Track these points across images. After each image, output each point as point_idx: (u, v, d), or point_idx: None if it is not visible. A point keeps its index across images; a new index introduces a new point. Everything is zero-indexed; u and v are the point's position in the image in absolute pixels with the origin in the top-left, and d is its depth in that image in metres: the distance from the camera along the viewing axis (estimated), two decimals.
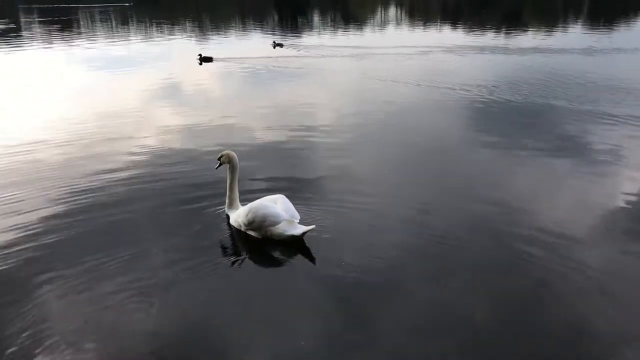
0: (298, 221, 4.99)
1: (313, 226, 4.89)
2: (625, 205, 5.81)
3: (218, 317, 4.03)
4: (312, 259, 4.77)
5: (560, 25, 30.05)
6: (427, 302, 4.18)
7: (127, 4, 49.09)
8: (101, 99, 11.46)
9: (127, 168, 6.95)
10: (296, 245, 4.93)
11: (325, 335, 3.80)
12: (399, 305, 4.12)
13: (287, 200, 5.13)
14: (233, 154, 5.46)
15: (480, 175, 6.77)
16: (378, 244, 4.99)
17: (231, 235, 5.17)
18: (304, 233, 4.86)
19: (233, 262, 4.74)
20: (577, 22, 32.05)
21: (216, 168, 5.61)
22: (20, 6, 46.01)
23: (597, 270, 4.53)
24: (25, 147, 7.88)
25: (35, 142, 8.11)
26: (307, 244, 4.95)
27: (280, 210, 4.97)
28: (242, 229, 5.12)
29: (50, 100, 11.53)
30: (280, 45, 19.42)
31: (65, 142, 8.17)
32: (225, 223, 5.35)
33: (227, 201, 5.47)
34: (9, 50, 18.77)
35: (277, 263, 4.86)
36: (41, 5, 47.01)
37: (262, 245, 5.02)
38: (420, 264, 4.70)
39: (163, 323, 3.91)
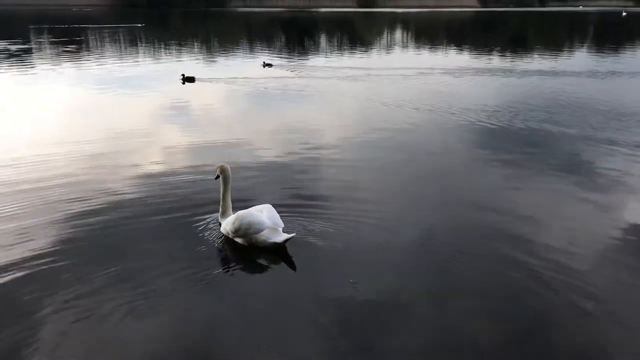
0: (282, 229, 5.26)
1: (294, 234, 5.20)
2: (632, 229, 5.77)
3: (217, 329, 4.10)
4: (313, 275, 4.84)
5: (565, 49, 30.21)
6: (431, 324, 4.19)
7: (138, 25, 49.75)
8: (103, 117, 11.62)
9: (127, 185, 7.07)
10: (300, 260, 5.04)
11: (326, 355, 3.80)
12: (403, 326, 4.11)
13: (272, 209, 5.42)
14: (226, 166, 5.81)
15: (486, 198, 6.78)
16: (383, 262, 5.05)
17: (222, 246, 5.39)
18: (285, 240, 5.13)
19: (241, 274, 4.88)
20: (582, 46, 32.22)
21: (215, 179, 5.88)
22: (31, 26, 46.68)
23: (605, 294, 4.52)
24: (30, 163, 8.00)
25: (41, 159, 8.24)
26: (310, 261, 5.04)
27: (264, 218, 5.25)
28: (230, 236, 5.39)
29: (56, 118, 11.62)
30: (270, 65, 19.90)
31: (70, 158, 8.28)
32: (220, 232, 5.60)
33: (220, 210, 5.79)
34: (20, 70, 18.98)
35: (284, 278, 4.88)
36: (52, 26, 47.70)
37: (265, 257, 5.15)
38: (426, 284, 4.73)
39: (161, 336, 3.97)
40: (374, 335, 4.00)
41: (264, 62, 20.18)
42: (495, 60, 23.05)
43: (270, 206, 5.46)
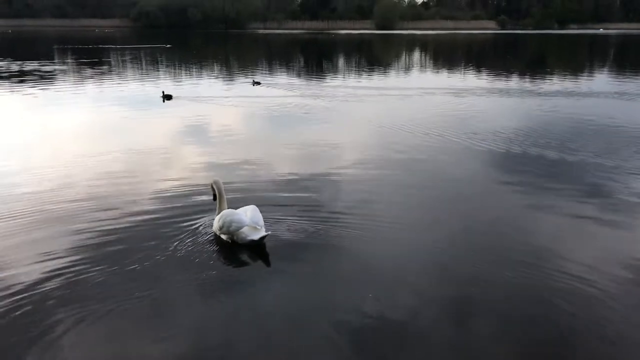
0: (261, 227, 5.74)
1: (269, 232, 5.74)
2: None
3: (231, 340, 4.13)
4: (328, 290, 4.89)
5: (586, 71, 29.98)
6: (447, 349, 4.09)
7: (165, 46, 50.61)
8: (118, 137, 11.68)
9: (144, 200, 7.18)
10: (316, 273, 5.20)
11: None
12: (419, 348, 4.04)
13: (256, 209, 5.95)
14: (216, 179, 6.28)
15: (504, 220, 6.72)
16: (400, 280, 5.02)
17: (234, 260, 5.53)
18: (261, 238, 5.65)
19: (258, 286, 4.89)
20: (602, 68, 31.95)
21: (213, 200, 6.27)
22: (55, 47, 47.75)
23: (629, 320, 4.39)
24: (49, 177, 8.20)
25: (60, 173, 8.46)
26: (325, 274, 5.16)
27: (244, 217, 5.79)
28: (217, 233, 5.95)
29: (75, 138, 11.78)
30: (258, 83, 20.56)
31: (89, 174, 8.45)
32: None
33: (216, 212, 6.20)
34: (42, 90, 19.31)
35: (299, 292, 4.95)
36: (76, 46, 48.72)
37: (280, 270, 5.27)
38: (443, 307, 4.68)
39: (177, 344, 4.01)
40: (389, 353, 3.93)
41: (253, 81, 20.88)
42: (514, 82, 22.98)
43: (255, 207, 5.98)
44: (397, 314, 4.51)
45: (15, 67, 27.59)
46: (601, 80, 23.92)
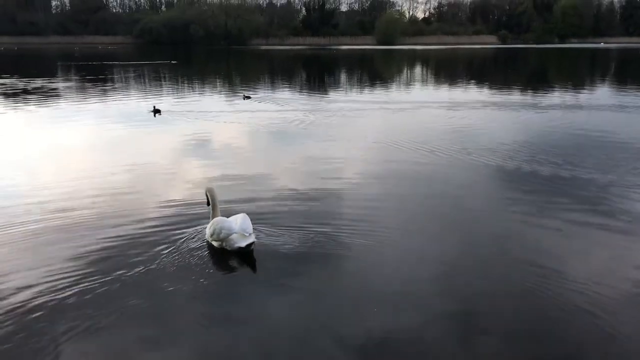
0: (249, 235, 5.89)
1: (254, 239, 5.86)
2: None
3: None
4: (330, 306, 4.86)
5: (587, 85, 30.03)
6: None
7: (171, 62, 50.83)
8: (116, 152, 11.76)
9: (148, 215, 7.14)
10: (319, 287, 5.15)
11: None
12: None
13: (246, 217, 6.09)
14: (210, 187, 6.56)
15: (509, 236, 6.66)
16: (404, 298, 4.98)
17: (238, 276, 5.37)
18: (247, 245, 5.82)
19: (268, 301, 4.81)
20: (603, 82, 32.00)
21: (207, 205, 6.50)
22: (59, 63, 48.08)
23: (634, 336, 4.34)
24: (54, 192, 8.17)
25: (65, 188, 8.43)
26: (328, 289, 5.10)
27: (233, 224, 5.97)
28: (209, 240, 6.15)
29: (77, 153, 11.85)
30: (248, 97, 20.89)
31: (94, 189, 8.43)
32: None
33: (210, 220, 6.39)
34: (45, 107, 19.39)
35: (303, 310, 4.88)
36: (80, 63, 49.05)
37: (289, 284, 5.25)
38: (449, 323, 4.65)
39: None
40: None
41: (244, 95, 21.19)
42: (516, 96, 23.00)
43: (245, 215, 6.14)
44: (402, 329, 4.47)
45: (20, 84, 27.78)
46: (603, 93, 23.95)
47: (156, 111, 17.07)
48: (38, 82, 28.41)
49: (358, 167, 10.03)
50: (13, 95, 22.68)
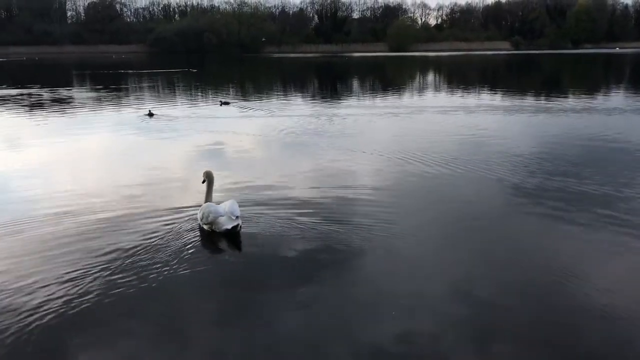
0: (236, 218, 6.33)
1: (239, 222, 6.36)
2: None
3: None
4: (346, 315, 4.77)
5: (602, 90, 29.73)
6: None
7: (194, 70, 51.05)
8: (122, 160, 11.82)
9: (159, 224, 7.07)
10: (334, 296, 5.02)
11: None
12: None
13: (234, 202, 6.58)
14: (209, 171, 7.12)
15: (524, 245, 6.57)
16: (419, 306, 4.93)
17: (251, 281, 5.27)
18: (233, 227, 6.30)
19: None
20: (618, 88, 31.67)
21: (202, 183, 7.09)
22: (74, 72, 48.65)
23: None
24: (67, 201, 8.20)
25: (80, 199, 8.44)
26: (344, 296, 5.02)
27: (221, 208, 6.49)
28: (200, 224, 6.64)
29: (88, 160, 11.93)
30: (227, 103, 21.14)
31: (107, 199, 8.44)
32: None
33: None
34: (59, 117, 19.58)
35: (319, 316, 4.84)
36: (96, 71, 49.60)
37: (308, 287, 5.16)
38: (464, 331, 4.58)
39: None
40: None
41: (220, 101, 21.39)
42: (530, 101, 22.82)
43: (233, 200, 6.65)
44: (417, 337, 4.42)
45: (35, 92, 28.14)
46: (619, 98, 23.67)
47: (149, 114, 17.80)
48: (70, 92, 28.80)
49: (372, 173, 9.98)
50: (39, 105, 22.92)
